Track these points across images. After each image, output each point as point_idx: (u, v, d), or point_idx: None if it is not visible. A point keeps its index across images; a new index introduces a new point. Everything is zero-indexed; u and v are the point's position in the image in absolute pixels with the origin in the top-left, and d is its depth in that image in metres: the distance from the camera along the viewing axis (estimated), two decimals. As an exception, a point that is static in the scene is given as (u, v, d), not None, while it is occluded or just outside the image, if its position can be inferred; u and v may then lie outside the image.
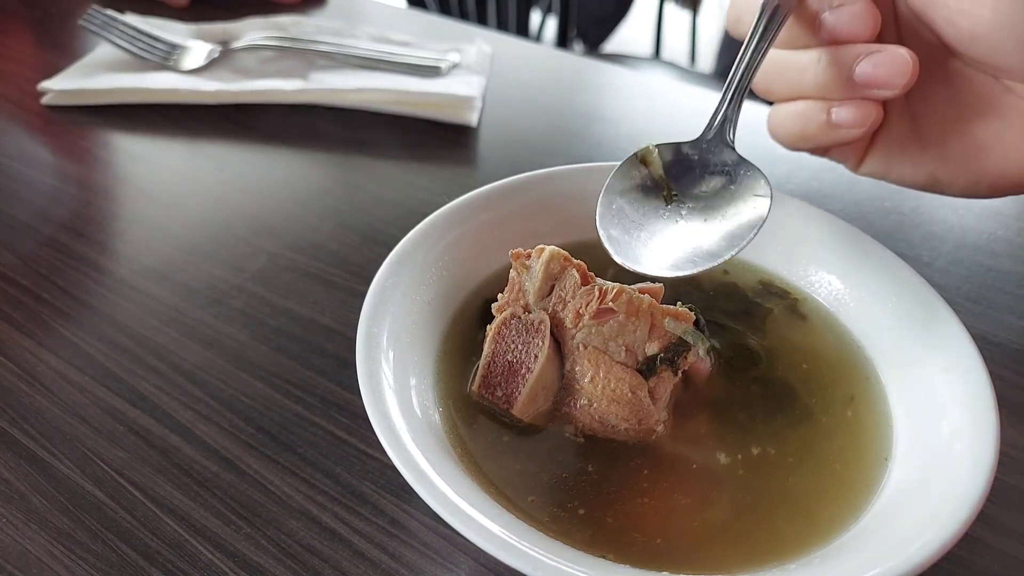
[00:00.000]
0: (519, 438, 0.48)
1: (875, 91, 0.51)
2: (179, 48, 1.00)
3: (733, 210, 0.50)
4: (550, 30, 2.35)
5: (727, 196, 0.51)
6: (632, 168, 0.52)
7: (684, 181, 0.52)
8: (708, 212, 0.50)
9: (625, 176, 0.52)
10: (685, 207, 0.51)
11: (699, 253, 0.48)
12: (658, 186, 0.52)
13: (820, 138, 0.55)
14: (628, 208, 0.51)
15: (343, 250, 0.72)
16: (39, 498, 0.49)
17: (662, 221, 0.50)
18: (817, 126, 0.54)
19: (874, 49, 0.50)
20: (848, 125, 0.53)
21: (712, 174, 0.52)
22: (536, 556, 0.36)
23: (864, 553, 0.39)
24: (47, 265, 0.69)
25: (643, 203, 0.51)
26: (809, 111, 0.54)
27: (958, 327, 0.49)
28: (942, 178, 0.57)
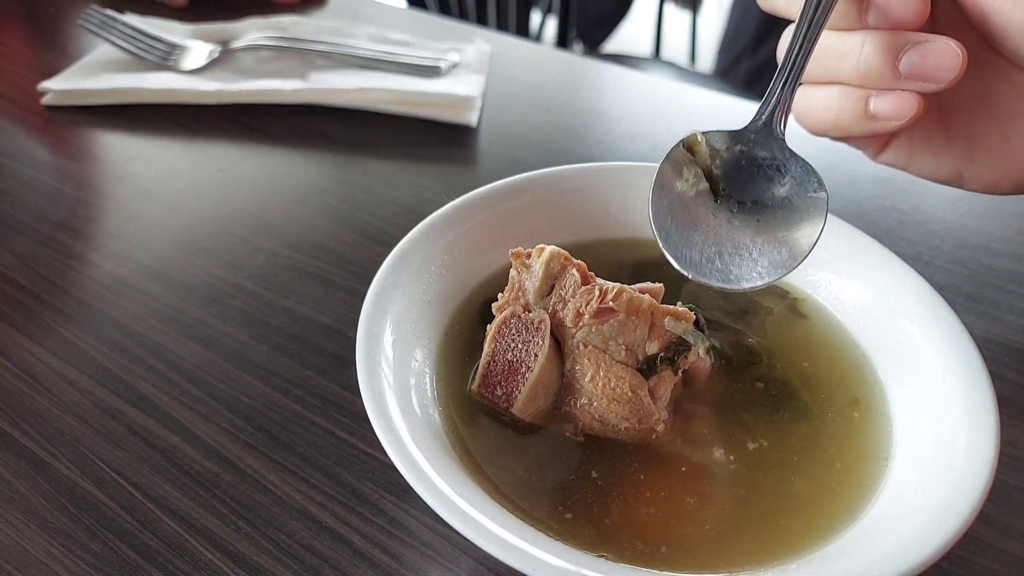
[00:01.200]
0: (519, 437, 0.48)
1: (919, 84, 0.49)
2: (179, 48, 1.00)
3: (785, 214, 0.48)
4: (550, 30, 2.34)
5: (778, 195, 0.48)
6: (680, 158, 0.49)
7: (732, 174, 0.49)
8: (760, 214, 0.48)
9: (674, 167, 0.49)
10: (735, 205, 0.49)
11: (761, 263, 0.47)
12: (706, 178, 0.49)
13: (854, 129, 0.53)
14: (679, 205, 0.48)
15: (342, 249, 0.72)
16: (38, 498, 0.49)
17: (714, 220, 0.48)
18: (853, 116, 0.52)
19: (922, 39, 0.48)
20: (886, 117, 0.50)
21: (761, 168, 0.49)
22: (536, 556, 0.36)
23: (864, 553, 0.39)
24: (46, 265, 0.69)
25: (693, 199, 0.48)
26: (845, 100, 0.52)
27: (958, 327, 0.49)
28: (966, 174, 0.55)
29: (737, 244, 0.48)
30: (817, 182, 0.48)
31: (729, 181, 0.49)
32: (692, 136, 0.49)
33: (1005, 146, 0.53)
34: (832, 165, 0.86)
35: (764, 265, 0.47)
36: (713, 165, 0.49)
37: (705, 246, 0.47)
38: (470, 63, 1.02)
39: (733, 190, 0.49)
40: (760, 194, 0.49)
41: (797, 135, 0.51)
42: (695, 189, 0.49)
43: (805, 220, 0.47)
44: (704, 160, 0.49)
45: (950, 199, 0.82)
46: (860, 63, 0.50)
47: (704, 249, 0.47)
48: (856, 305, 0.56)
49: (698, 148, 0.50)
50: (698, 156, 0.50)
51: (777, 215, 0.48)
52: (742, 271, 0.47)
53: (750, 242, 0.48)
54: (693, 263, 0.47)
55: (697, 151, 0.50)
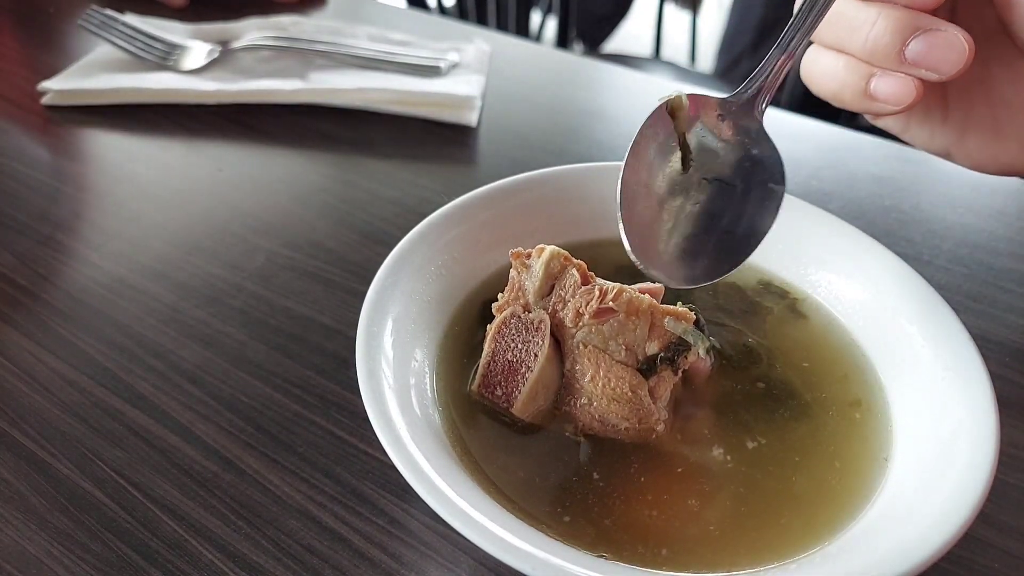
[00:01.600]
0: (519, 437, 0.48)
1: (922, 71, 0.49)
2: (179, 48, 1.00)
3: (739, 201, 0.47)
4: (550, 30, 2.34)
5: (741, 176, 0.48)
6: (659, 121, 0.48)
7: (703, 144, 0.48)
8: (721, 197, 0.48)
9: (653, 131, 0.48)
10: (699, 179, 0.48)
11: (709, 258, 0.46)
12: (678, 146, 0.48)
13: (852, 105, 0.52)
14: (650, 174, 0.47)
15: (342, 249, 0.72)
16: (38, 498, 0.49)
17: (679, 198, 0.47)
18: (853, 93, 0.52)
19: (933, 27, 0.48)
20: (884, 100, 0.50)
21: (732, 144, 0.48)
22: (536, 556, 0.36)
23: (864, 553, 0.39)
24: (46, 265, 0.69)
25: (663, 166, 0.48)
26: (849, 74, 0.52)
27: (958, 326, 0.49)
28: (955, 151, 0.56)
29: (693, 232, 0.47)
30: (780, 174, 0.47)
31: (699, 152, 0.49)
32: (677, 98, 0.48)
33: (997, 132, 0.54)
34: (831, 164, 0.86)
35: (711, 262, 0.47)
36: (688, 132, 0.49)
37: (664, 231, 0.47)
38: (470, 63, 1.02)
39: (701, 161, 0.48)
40: (723, 171, 0.48)
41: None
42: (668, 158, 0.48)
43: (756, 214, 0.47)
44: (683, 125, 0.49)
45: (950, 198, 0.82)
46: (868, 39, 0.50)
47: (662, 234, 0.47)
48: (856, 305, 0.56)
49: (680, 112, 0.48)
50: (678, 120, 0.49)
51: (733, 200, 0.48)
52: (693, 266, 0.47)
53: (704, 231, 0.47)
54: (648, 250, 0.46)
55: (679, 115, 0.49)
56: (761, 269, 0.61)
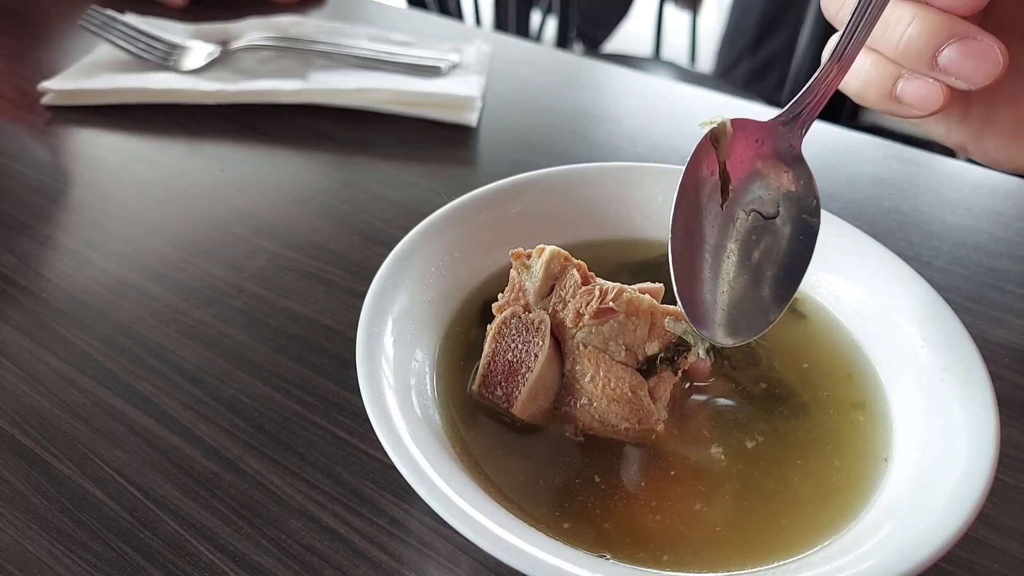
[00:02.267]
0: (519, 437, 0.48)
1: (952, 79, 0.47)
2: (179, 48, 1.00)
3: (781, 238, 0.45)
4: (550, 30, 2.34)
5: (777, 208, 0.46)
6: (704, 154, 0.46)
7: (740, 174, 0.46)
8: (758, 233, 0.46)
9: (699, 166, 0.46)
10: (738, 215, 0.46)
11: (753, 306, 0.45)
12: (719, 178, 0.46)
13: (875, 104, 0.51)
14: (694, 217, 0.45)
15: (343, 249, 0.72)
16: (39, 498, 0.49)
17: (721, 238, 0.45)
18: (878, 93, 0.50)
19: (969, 35, 0.46)
20: (910, 103, 0.49)
21: (769, 172, 0.47)
22: (536, 556, 0.36)
23: (864, 553, 0.39)
24: (47, 265, 0.69)
25: (707, 205, 0.46)
26: (876, 73, 0.50)
27: (958, 327, 0.49)
28: (971, 148, 0.55)
29: (737, 278, 0.45)
30: (815, 205, 0.46)
31: (738, 182, 0.47)
32: (721, 125, 0.46)
33: (1018, 133, 0.53)
34: (831, 165, 0.87)
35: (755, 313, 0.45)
36: (728, 159, 0.47)
37: (712, 281, 0.45)
38: (470, 63, 1.02)
39: (739, 193, 0.47)
40: (760, 204, 0.47)
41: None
42: (710, 191, 0.46)
43: (794, 251, 0.45)
44: (724, 152, 0.47)
45: (949, 200, 0.82)
46: (902, 40, 0.48)
47: (711, 286, 0.45)
48: (856, 305, 0.56)
49: (723, 140, 0.46)
50: (720, 147, 0.46)
51: (770, 236, 0.46)
52: (739, 320, 0.45)
53: (746, 275, 0.46)
54: (700, 306, 0.44)
55: (721, 142, 0.46)
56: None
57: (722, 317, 0.44)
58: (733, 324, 0.44)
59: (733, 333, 0.44)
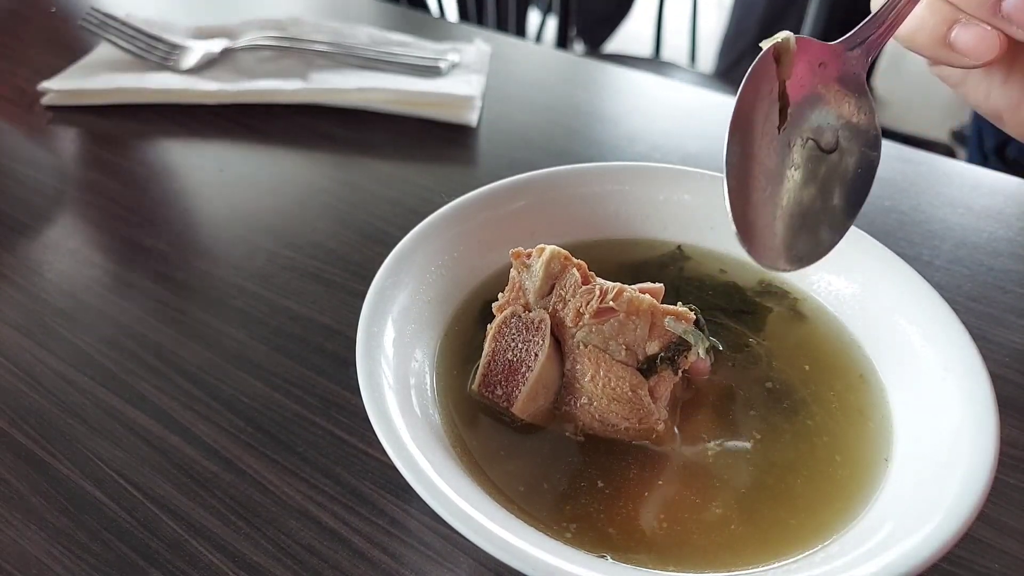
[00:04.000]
0: (519, 437, 0.48)
1: (1014, 28, 0.45)
2: (179, 48, 1.00)
3: (839, 169, 0.44)
4: (550, 30, 2.34)
5: (836, 137, 0.44)
6: (763, 72, 0.43)
7: (801, 97, 0.44)
8: (816, 162, 0.44)
9: (755, 85, 0.43)
10: (796, 141, 0.44)
11: (808, 233, 0.43)
12: (778, 99, 0.44)
13: (926, 50, 0.48)
14: (754, 141, 0.43)
15: (342, 249, 0.72)
16: (39, 498, 0.49)
17: (778, 163, 0.44)
18: (931, 38, 0.48)
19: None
20: (962, 51, 0.46)
21: (830, 101, 0.45)
22: (536, 556, 0.36)
23: (864, 553, 0.39)
24: (47, 265, 0.69)
25: (763, 126, 0.43)
26: (931, 17, 0.47)
27: (958, 326, 0.49)
28: (1007, 117, 0.53)
29: (793, 203, 0.44)
30: (876, 137, 0.44)
31: (797, 105, 0.44)
32: (785, 41, 0.43)
33: None
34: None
35: (808, 239, 0.43)
36: (789, 79, 0.44)
37: (767, 205, 0.43)
38: (470, 63, 1.02)
39: (796, 118, 0.44)
40: (818, 133, 0.45)
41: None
42: (767, 112, 0.44)
43: (851, 183, 0.44)
44: (785, 71, 0.44)
45: (950, 199, 0.82)
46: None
47: (765, 209, 0.43)
48: (856, 305, 0.56)
49: (785, 57, 0.44)
50: (782, 66, 0.44)
51: (828, 166, 0.44)
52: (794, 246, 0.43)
53: (802, 202, 0.44)
54: (753, 230, 0.43)
55: (783, 60, 0.44)
56: (761, 269, 0.60)
57: (775, 242, 0.43)
58: (788, 249, 0.43)
59: (787, 259, 0.43)
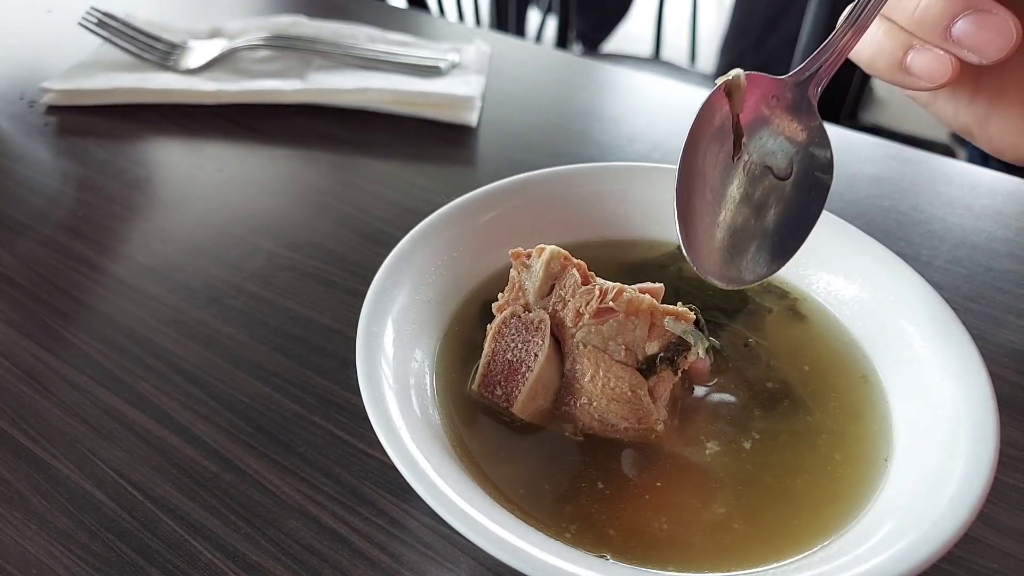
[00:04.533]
0: (519, 437, 0.48)
1: (964, 52, 0.47)
2: (179, 48, 1.00)
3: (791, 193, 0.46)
4: (550, 30, 2.34)
5: (789, 163, 0.46)
6: (716, 104, 0.46)
7: (755, 128, 0.47)
8: (769, 187, 0.46)
9: (709, 116, 0.46)
10: (750, 166, 0.46)
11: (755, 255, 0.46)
12: (731, 132, 0.46)
13: (884, 75, 0.51)
14: (705, 164, 0.45)
15: (342, 249, 0.72)
16: (39, 499, 0.49)
17: (730, 188, 0.46)
18: (888, 64, 0.50)
19: (985, 7, 0.46)
20: (918, 75, 0.49)
21: (782, 128, 0.47)
22: (536, 556, 0.36)
23: (864, 553, 0.39)
24: (46, 265, 0.69)
25: (717, 154, 0.46)
26: (887, 43, 0.49)
27: (958, 326, 0.49)
28: (976, 133, 0.55)
29: (742, 226, 0.46)
30: (828, 159, 0.46)
31: (751, 136, 0.47)
32: (735, 78, 0.46)
33: (1022, 121, 0.53)
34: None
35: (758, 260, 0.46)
36: (742, 113, 0.47)
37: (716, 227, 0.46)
38: (470, 63, 1.02)
39: (753, 147, 0.47)
40: (772, 159, 0.47)
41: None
42: (722, 144, 0.46)
43: (802, 206, 0.46)
44: (737, 106, 0.47)
45: (949, 199, 0.82)
46: (917, 9, 0.48)
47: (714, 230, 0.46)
48: (855, 305, 0.56)
49: (737, 93, 0.46)
50: (733, 101, 0.46)
51: (781, 190, 0.46)
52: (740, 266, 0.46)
53: (752, 225, 0.46)
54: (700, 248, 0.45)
55: (735, 95, 0.46)
56: (761, 269, 0.60)
57: (721, 258, 0.46)
58: (732, 268, 0.46)
59: (729, 277, 0.46)
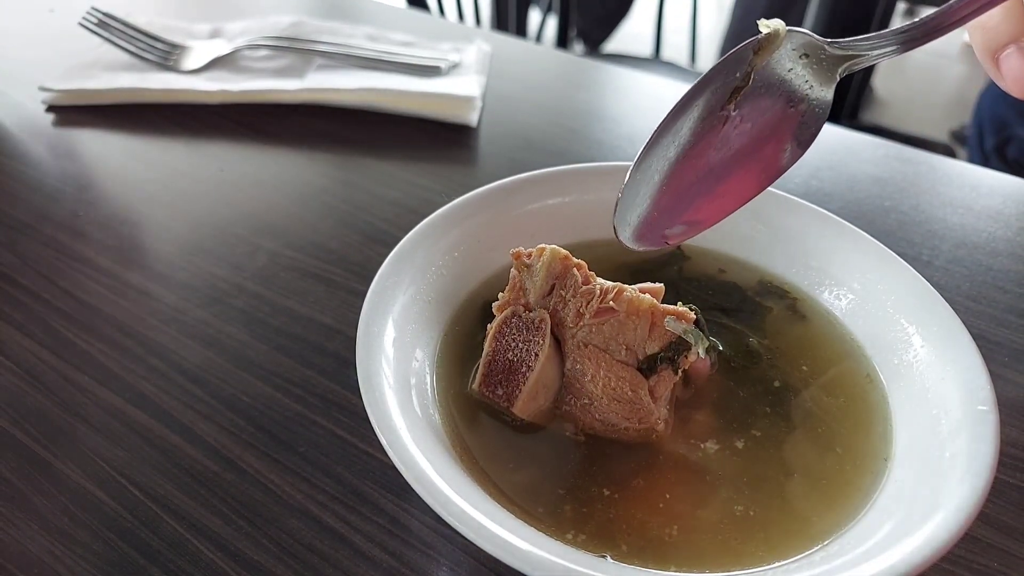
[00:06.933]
0: (519, 437, 0.48)
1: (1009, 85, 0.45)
2: (179, 48, 1.00)
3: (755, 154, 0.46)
4: (550, 30, 2.34)
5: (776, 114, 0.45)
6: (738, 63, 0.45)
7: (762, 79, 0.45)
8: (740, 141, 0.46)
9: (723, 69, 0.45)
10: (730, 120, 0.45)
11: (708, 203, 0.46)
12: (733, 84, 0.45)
13: (977, 53, 0.47)
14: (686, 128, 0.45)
15: (343, 249, 0.72)
16: (40, 498, 0.49)
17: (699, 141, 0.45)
18: (982, 44, 0.46)
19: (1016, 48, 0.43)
20: (1004, 75, 0.46)
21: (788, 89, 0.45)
22: (536, 556, 0.36)
23: (864, 553, 0.39)
24: (47, 265, 0.69)
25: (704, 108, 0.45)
26: (997, 25, 0.46)
27: (958, 326, 0.49)
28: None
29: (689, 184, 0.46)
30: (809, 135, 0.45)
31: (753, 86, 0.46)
32: (775, 31, 0.44)
33: None
34: (831, 166, 0.87)
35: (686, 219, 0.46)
36: (755, 72, 0.45)
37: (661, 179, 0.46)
38: (470, 63, 1.02)
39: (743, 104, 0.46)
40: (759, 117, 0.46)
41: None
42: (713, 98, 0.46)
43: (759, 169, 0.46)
44: (760, 61, 0.45)
45: (949, 199, 0.82)
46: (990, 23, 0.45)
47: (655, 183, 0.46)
48: (856, 305, 0.56)
49: (769, 47, 0.45)
50: (760, 55, 0.45)
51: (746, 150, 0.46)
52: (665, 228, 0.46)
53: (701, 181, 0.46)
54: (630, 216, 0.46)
55: (763, 52, 0.45)
56: (761, 269, 0.61)
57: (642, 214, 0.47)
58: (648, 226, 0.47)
59: (638, 237, 0.47)
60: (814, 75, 0.45)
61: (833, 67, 0.45)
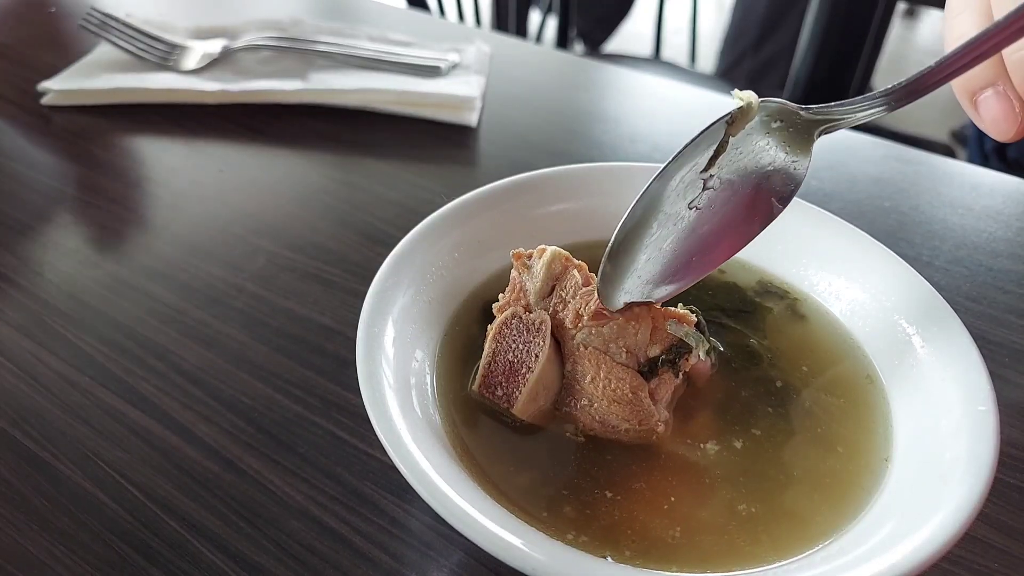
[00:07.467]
0: (519, 438, 0.48)
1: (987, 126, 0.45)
2: (179, 48, 1.00)
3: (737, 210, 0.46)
4: (550, 30, 2.34)
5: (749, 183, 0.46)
6: (713, 135, 0.46)
7: (740, 143, 0.46)
8: (719, 204, 0.46)
9: (698, 150, 0.46)
10: (711, 183, 0.46)
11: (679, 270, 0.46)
12: (712, 149, 0.46)
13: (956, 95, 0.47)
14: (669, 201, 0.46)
15: (343, 250, 0.72)
16: (40, 499, 0.49)
17: (679, 205, 0.47)
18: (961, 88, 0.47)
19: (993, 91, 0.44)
20: (984, 118, 0.46)
21: (766, 154, 0.46)
22: (536, 556, 0.36)
23: (864, 553, 0.39)
24: (47, 265, 0.69)
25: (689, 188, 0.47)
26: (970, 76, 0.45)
27: (958, 327, 0.49)
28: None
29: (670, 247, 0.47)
30: (787, 193, 0.46)
31: (732, 150, 0.46)
32: (748, 105, 0.46)
33: None
34: (831, 166, 0.87)
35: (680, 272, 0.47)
36: (736, 134, 0.46)
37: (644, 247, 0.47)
38: (470, 64, 1.02)
39: (722, 163, 0.47)
40: (737, 175, 0.47)
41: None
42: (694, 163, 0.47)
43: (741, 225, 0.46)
44: (736, 129, 0.46)
45: (949, 200, 0.82)
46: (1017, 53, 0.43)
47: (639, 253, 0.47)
48: (856, 305, 0.56)
49: (744, 118, 0.46)
50: (737, 124, 0.46)
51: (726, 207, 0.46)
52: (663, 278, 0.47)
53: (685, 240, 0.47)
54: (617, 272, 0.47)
55: (738, 122, 0.46)
56: (761, 269, 0.61)
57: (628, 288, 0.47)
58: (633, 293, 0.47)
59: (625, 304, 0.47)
60: (790, 139, 0.46)
61: (809, 130, 0.46)
